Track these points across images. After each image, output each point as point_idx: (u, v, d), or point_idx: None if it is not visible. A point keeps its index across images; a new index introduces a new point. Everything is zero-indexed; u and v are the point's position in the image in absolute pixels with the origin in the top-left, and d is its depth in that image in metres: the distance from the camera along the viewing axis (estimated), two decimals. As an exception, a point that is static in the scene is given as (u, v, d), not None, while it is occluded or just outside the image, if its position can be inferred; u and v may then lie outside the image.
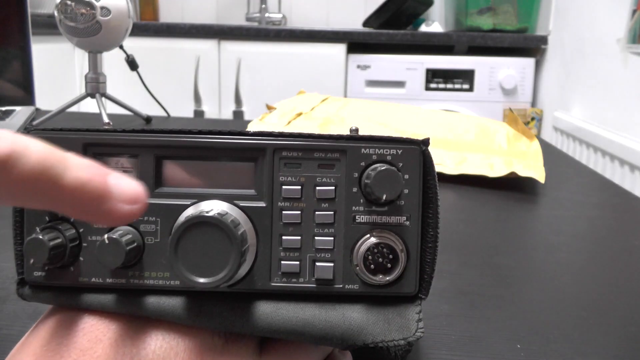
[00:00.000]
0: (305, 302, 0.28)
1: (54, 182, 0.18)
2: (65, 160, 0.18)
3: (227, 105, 2.21)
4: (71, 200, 0.18)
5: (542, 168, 0.74)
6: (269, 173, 0.28)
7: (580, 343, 0.35)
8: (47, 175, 0.18)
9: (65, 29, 0.91)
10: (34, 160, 0.17)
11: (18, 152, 0.17)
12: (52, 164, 0.18)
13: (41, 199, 0.18)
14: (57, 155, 0.18)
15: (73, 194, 0.18)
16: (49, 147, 0.18)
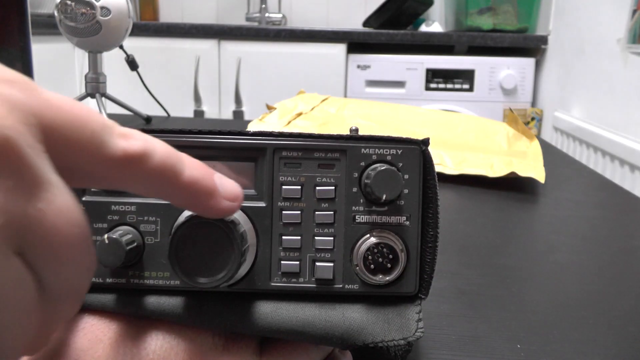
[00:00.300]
0: (305, 302, 0.28)
1: (174, 178, 0.20)
2: (183, 159, 0.21)
3: (227, 105, 2.21)
4: (185, 194, 0.21)
5: (542, 168, 0.74)
6: (269, 173, 0.28)
7: (580, 343, 0.35)
8: (169, 172, 0.20)
9: (65, 29, 0.91)
10: (159, 157, 0.20)
11: (149, 149, 0.19)
12: (174, 162, 0.20)
13: (161, 190, 0.21)
14: (177, 155, 0.21)
15: (187, 189, 0.21)
16: (170, 147, 0.21)
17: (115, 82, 1.41)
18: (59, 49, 2.00)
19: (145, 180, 0.20)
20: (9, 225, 0.14)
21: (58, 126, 0.17)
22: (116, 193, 0.28)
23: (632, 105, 1.52)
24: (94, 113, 0.18)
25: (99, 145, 0.18)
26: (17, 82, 0.16)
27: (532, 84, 2.16)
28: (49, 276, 0.16)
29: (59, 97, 0.17)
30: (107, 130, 0.19)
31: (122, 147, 0.19)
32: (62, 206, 0.16)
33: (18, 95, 0.16)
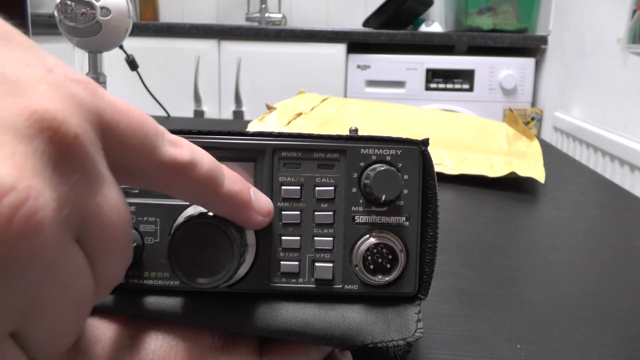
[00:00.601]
0: (304, 302, 0.28)
1: (214, 189, 0.22)
2: (224, 172, 0.22)
3: (227, 105, 2.21)
4: (222, 205, 0.23)
5: (542, 168, 0.74)
6: (268, 173, 0.28)
7: (580, 343, 0.35)
8: (211, 182, 0.21)
9: (65, 29, 0.91)
10: (204, 168, 0.21)
11: (196, 159, 0.21)
12: (216, 174, 0.22)
13: (201, 199, 0.22)
14: (219, 166, 0.22)
15: (225, 200, 0.22)
16: (214, 158, 0.22)
17: (115, 82, 1.41)
18: (59, 49, 2.00)
19: (188, 188, 0.21)
20: (73, 215, 0.15)
21: (115, 127, 0.18)
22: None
23: (632, 105, 1.52)
24: (148, 118, 0.19)
25: (151, 150, 0.19)
26: (82, 81, 0.17)
27: (532, 84, 2.16)
28: (100, 267, 0.17)
29: (118, 99, 0.18)
30: (159, 136, 0.20)
31: (171, 154, 0.20)
32: (115, 202, 0.17)
33: (83, 94, 0.17)
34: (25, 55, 0.16)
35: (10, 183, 0.13)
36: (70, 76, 0.17)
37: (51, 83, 0.15)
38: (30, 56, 0.16)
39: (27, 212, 0.13)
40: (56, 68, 0.17)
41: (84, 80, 0.17)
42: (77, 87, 0.16)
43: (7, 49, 0.16)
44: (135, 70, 1.13)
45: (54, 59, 0.17)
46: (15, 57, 0.16)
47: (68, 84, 0.16)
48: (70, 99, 0.16)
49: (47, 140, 0.14)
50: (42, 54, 0.17)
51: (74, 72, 0.17)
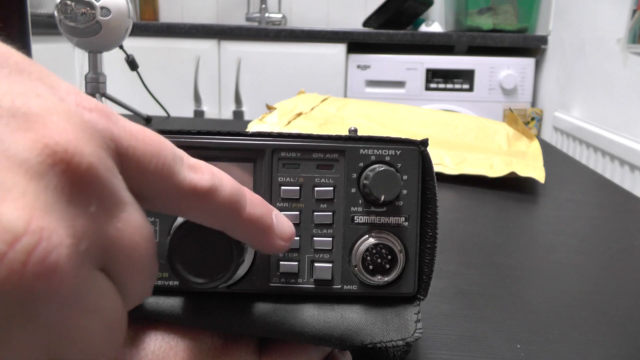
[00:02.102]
0: (303, 302, 0.28)
1: (236, 214, 0.21)
2: (246, 195, 0.22)
3: (227, 105, 2.21)
4: (244, 229, 0.22)
5: (542, 168, 0.74)
6: (267, 174, 0.28)
7: (580, 343, 0.35)
8: (233, 208, 0.21)
9: (65, 29, 0.91)
10: (225, 193, 0.20)
11: (216, 185, 0.20)
12: (238, 198, 0.21)
13: (222, 223, 0.22)
14: (240, 190, 0.21)
15: (247, 225, 0.22)
16: (236, 182, 0.21)
17: (115, 82, 1.41)
18: (59, 49, 2.00)
19: (208, 213, 0.21)
20: (94, 245, 0.15)
21: (132, 153, 0.17)
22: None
23: (632, 105, 1.52)
24: (166, 142, 0.19)
25: (169, 175, 0.19)
26: (95, 108, 0.17)
27: (532, 84, 2.16)
28: (129, 287, 0.17)
29: (134, 125, 0.18)
30: (178, 161, 0.19)
31: (190, 179, 0.19)
32: (137, 223, 0.17)
33: (97, 120, 0.16)
34: (36, 86, 0.16)
35: (21, 227, 0.13)
36: (82, 104, 0.17)
37: (62, 112, 0.15)
38: (41, 86, 0.16)
39: (41, 255, 0.13)
40: (68, 96, 0.16)
41: (97, 106, 0.17)
42: (90, 115, 0.16)
43: (18, 80, 0.16)
44: (135, 70, 1.13)
45: (66, 86, 0.17)
46: (26, 88, 0.15)
47: (80, 111, 0.16)
48: (82, 127, 0.16)
49: (60, 174, 0.14)
50: (54, 82, 0.17)
51: (87, 99, 0.17)
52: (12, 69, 0.16)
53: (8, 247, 0.12)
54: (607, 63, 1.67)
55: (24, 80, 0.16)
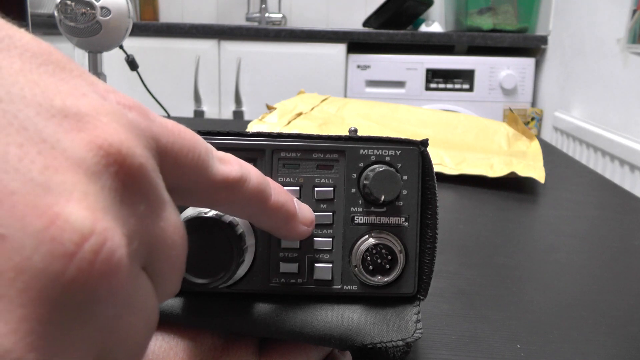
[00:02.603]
0: (303, 302, 0.28)
1: (264, 202, 0.22)
2: (270, 184, 0.23)
3: (227, 105, 2.21)
4: (270, 217, 0.23)
5: (542, 168, 0.74)
6: (267, 174, 0.28)
7: (580, 343, 0.35)
8: (260, 196, 0.22)
9: (65, 29, 0.91)
10: (254, 183, 0.21)
11: (245, 175, 0.21)
12: (265, 187, 0.22)
13: (251, 213, 0.22)
14: (266, 179, 0.22)
15: (274, 212, 0.23)
16: (259, 172, 0.22)
17: (115, 82, 1.41)
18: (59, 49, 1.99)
19: (239, 203, 0.21)
20: (141, 244, 0.15)
21: (170, 149, 0.18)
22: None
23: (632, 105, 1.52)
24: (199, 137, 0.19)
25: (204, 169, 0.19)
26: (134, 107, 0.17)
27: (532, 84, 2.16)
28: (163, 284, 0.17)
29: (170, 121, 0.18)
30: (210, 155, 0.20)
31: (222, 171, 0.20)
32: (176, 222, 0.17)
33: (139, 120, 0.17)
34: (79, 84, 0.16)
35: (88, 227, 0.13)
36: (122, 102, 0.17)
37: (109, 112, 0.15)
38: (83, 84, 0.16)
39: (107, 255, 0.13)
40: (108, 95, 0.16)
41: (135, 105, 0.17)
42: (132, 114, 0.16)
43: (62, 78, 0.16)
44: (135, 70, 1.13)
45: (103, 85, 0.17)
46: (71, 87, 0.16)
47: (123, 111, 0.16)
48: (129, 128, 0.16)
49: (114, 175, 0.15)
50: (93, 80, 0.17)
51: (125, 97, 0.17)
52: (56, 67, 0.16)
53: (77, 247, 0.13)
54: (607, 63, 1.67)
55: (68, 78, 0.16)
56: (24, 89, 0.14)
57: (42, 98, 0.14)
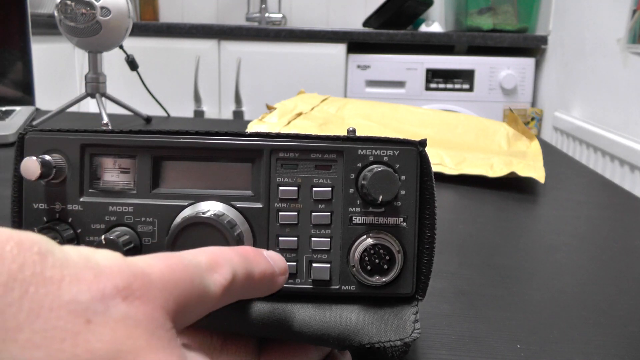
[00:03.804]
0: (302, 302, 0.28)
1: (251, 281, 0.23)
2: (251, 260, 0.23)
3: (227, 105, 2.21)
4: (258, 288, 0.24)
5: (542, 168, 0.74)
6: (265, 174, 0.28)
7: (580, 343, 0.35)
8: (249, 278, 0.23)
9: (65, 29, 0.91)
10: (242, 270, 0.22)
11: (235, 270, 0.22)
12: (251, 268, 0.23)
13: (243, 295, 0.23)
14: (247, 258, 0.23)
15: (260, 283, 0.24)
16: (238, 251, 0.23)
17: (115, 82, 1.41)
18: (59, 49, 2.00)
19: (236, 295, 0.22)
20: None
21: (176, 303, 0.19)
22: (113, 194, 0.28)
23: (632, 105, 1.52)
24: (188, 263, 0.20)
25: (205, 293, 0.20)
26: (131, 286, 0.17)
27: (532, 84, 2.16)
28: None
29: (155, 266, 0.19)
30: (202, 272, 0.20)
31: (219, 283, 0.21)
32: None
33: (142, 311, 0.17)
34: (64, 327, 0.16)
35: None
36: (119, 286, 0.17)
37: (119, 322, 0.16)
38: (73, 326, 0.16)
39: None
40: (103, 304, 0.16)
41: (133, 282, 0.17)
42: (137, 311, 0.17)
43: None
44: (135, 70, 1.13)
45: (88, 291, 0.17)
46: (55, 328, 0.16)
47: (128, 311, 0.17)
48: (142, 328, 0.17)
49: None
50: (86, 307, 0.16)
51: (120, 277, 0.17)
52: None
53: None
54: (607, 63, 1.67)
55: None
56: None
57: None
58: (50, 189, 0.28)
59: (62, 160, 0.27)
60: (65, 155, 0.28)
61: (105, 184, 0.28)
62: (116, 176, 0.28)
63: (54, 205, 0.28)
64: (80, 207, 0.28)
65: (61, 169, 0.27)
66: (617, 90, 1.60)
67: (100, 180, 0.28)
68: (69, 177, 0.28)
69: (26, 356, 0.14)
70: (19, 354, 0.14)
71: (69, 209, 0.28)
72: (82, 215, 0.28)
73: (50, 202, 0.28)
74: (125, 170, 0.28)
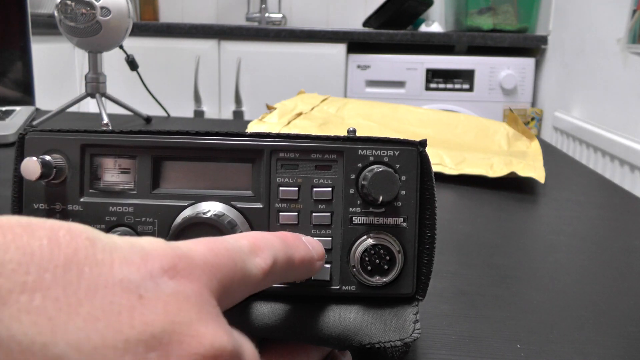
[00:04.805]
0: (302, 303, 0.28)
1: (292, 265, 0.24)
2: (290, 244, 0.24)
3: (227, 105, 2.21)
4: (299, 272, 0.25)
5: (542, 168, 0.74)
6: (266, 174, 0.28)
7: (580, 343, 0.35)
8: (289, 263, 0.24)
9: (65, 29, 0.91)
10: (282, 255, 0.23)
11: (275, 254, 0.23)
12: (291, 253, 0.24)
13: (285, 278, 0.24)
14: (286, 243, 0.24)
15: (299, 269, 0.25)
16: (279, 237, 0.24)
17: (115, 82, 1.41)
18: (59, 49, 2.00)
19: (277, 279, 0.23)
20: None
21: (220, 284, 0.20)
22: (114, 194, 0.28)
23: (631, 105, 1.52)
24: (230, 247, 0.21)
25: (247, 275, 0.21)
26: (176, 266, 0.18)
27: (532, 84, 2.16)
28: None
29: (207, 253, 0.20)
30: (244, 256, 0.21)
31: (260, 267, 0.22)
32: (253, 353, 0.20)
33: (193, 289, 0.18)
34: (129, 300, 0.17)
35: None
36: (170, 277, 0.18)
37: (174, 301, 0.17)
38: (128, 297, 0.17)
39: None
40: (152, 282, 0.17)
41: (180, 272, 0.18)
42: (191, 286, 0.18)
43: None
44: (135, 70, 1.13)
45: (138, 275, 0.17)
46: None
47: (177, 287, 0.18)
48: (192, 302, 0.18)
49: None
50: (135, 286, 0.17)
51: (166, 270, 0.18)
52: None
53: None
54: (607, 63, 1.67)
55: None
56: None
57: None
58: (51, 189, 0.28)
59: (62, 161, 0.27)
60: (66, 156, 0.28)
61: (105, 184, 0.28)
62: (116, 176, 0.28)
63: (54, 206, 0.28)
64: (81, 208, 0.28)
65: (61, 169, 0.27)
66: (617, 90, 1.60)
67: (100, 181, 0.28)
68: (69, 177, 0.28)
69: (89, 327, 0.15)
70: (83, 326, 0.15)
71: (69, 209, 0.28)
72: (83, 216, 0.28)
73: (51, 202, 0.28)
74: (125, 171, 0.28)
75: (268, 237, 0.23)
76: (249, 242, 0.22)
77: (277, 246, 0.23)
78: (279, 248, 0.23)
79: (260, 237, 0.23)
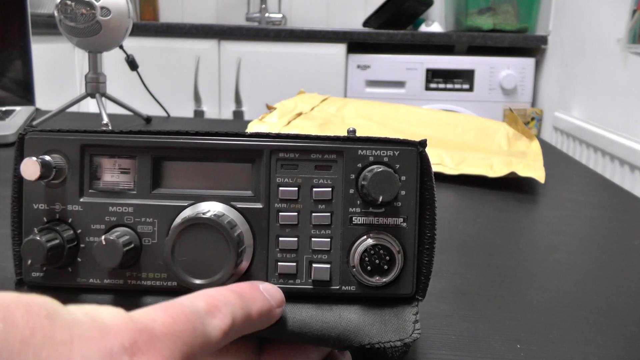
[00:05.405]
0: (302, 303, 0.28)
1: (249, 320, 0.24)
2: (247, 300, 0.24)
3: (227, 105, 2.21)
4: (257, 324, 0.25)
5: (542, 168, 0.74)
6: (265, 174, 0.28)
7: (580, 343, 0.35)
8: (248, 319, 0.24)
9: (65, 29, 0.91)
10: (239, 313, 0.23)
11: (234, 312, 0.23)
12: (249, 309, 0.24)
13: (242, 333, 0.24)
14: (243, 299, 0.24)
15: (258, 320, 0.25)
16: (235, 291, 0.24)
17: (115, 82, 1.41)
18: (59, 49, 2.00)
19: (236, 335, 0.23)
20: None
21: (181, 353, 0.19)
22: (113, 194, 0.28)
23: (632, 105, 1.52)
24: (188, 311, 0.21)
25: (207, 339, 0.21)
26: (137, 343, 0.18)
27: (532, 84, 2.16)
28: None
29: (167, 321, 0.19)
30: (202, 319, 0.21)
31: (219, 328, 0.22)
32: None
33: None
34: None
35: None
36: (130, 355, 0.17)
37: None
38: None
39: None
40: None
41: (141, 348, 0.18)
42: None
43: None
44: (135, 70, 1.13)
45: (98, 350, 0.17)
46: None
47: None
48: None
49: None
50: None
51: (127, 348, 0.18)
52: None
53: None
54: (607, 63, 1.67)
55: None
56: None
57: None
58: (50, 190, 0.28)
59: (62, 161, 0.27)
60: (65, 156, 0.28)
61: (105, 184, 0.28)
62: (116, 176, 0.28)
63: (54, 206, 0.28)
64: (80, 208, 0.28)
65: (61, 169, 0.27)
66: (617, 90, 1.60)
67: (100, 181, 0.28)
68: (69, 177, 0.28)
69: None
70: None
71: (69, 210, 0.28)
72: (82, 216, 0.28)
73: (50, 202, 0.28)
74: (125, 171, 0.28)
75: (224, 293, 0.23)
76: (206, 303, 0.22)
77: (234, 303, 0.23)
78: (236, 305, 0.23)
79: (217, 295, 0.23)
